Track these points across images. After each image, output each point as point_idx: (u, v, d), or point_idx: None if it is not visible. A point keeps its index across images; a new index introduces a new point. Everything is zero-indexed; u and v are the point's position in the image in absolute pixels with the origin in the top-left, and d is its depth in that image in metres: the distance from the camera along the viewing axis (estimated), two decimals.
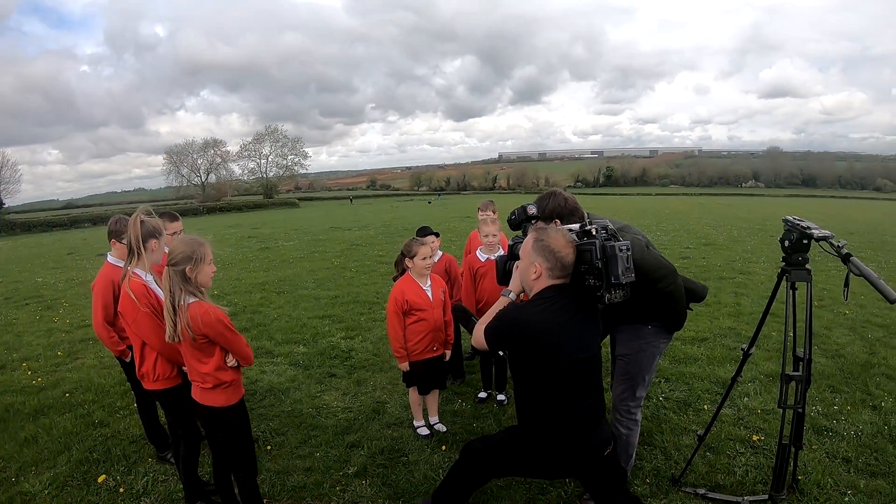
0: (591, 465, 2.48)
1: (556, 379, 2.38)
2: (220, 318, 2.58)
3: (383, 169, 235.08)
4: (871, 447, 3.77)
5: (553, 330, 2.35)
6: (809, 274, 2.73)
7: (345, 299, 8.90)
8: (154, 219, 3.05)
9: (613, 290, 2.32)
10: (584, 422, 2.42)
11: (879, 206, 45.94)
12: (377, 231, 21.49)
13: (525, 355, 2.42)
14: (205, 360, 2.66)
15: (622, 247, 2.31)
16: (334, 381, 5.18)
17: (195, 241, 2.64)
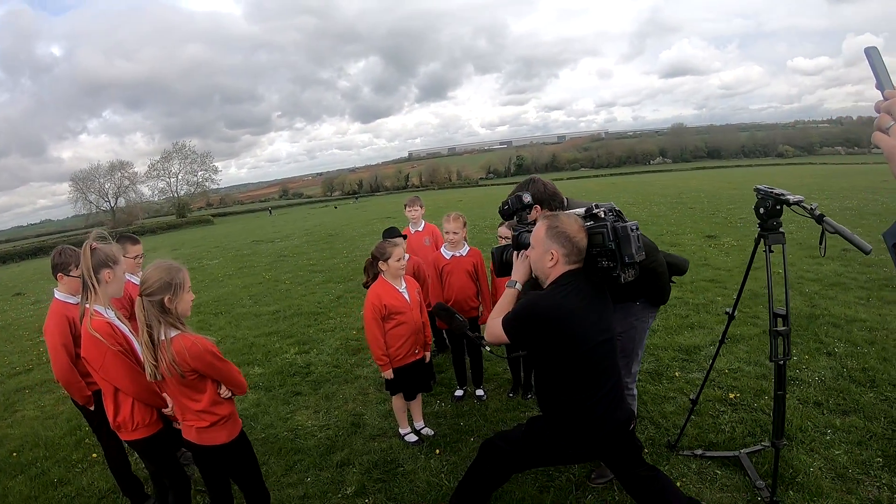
0: (617, 443, 2.50)
1: (581, 363, 2.37)
2: (208, 349, 2.36)
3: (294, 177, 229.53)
4: (836, 389, 4.06)
5: (577, 315, 2.34)
6: (784, 236, 2.85)
7: (287, 313, 8.57)
8: (109, 245, 2.73)
9: (627, 269, 2.33)
10: (610, 402, 2.43)
11: (785, 171, 49.77)
12: (301, 240, 20.86)
13: (550, 343, 2.38)
14: (197, 398, 2.42)
15: (632, 226, 2.32)
16: (302, 400, 4.94)
17: (172, 267, 2.38)
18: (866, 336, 5.06)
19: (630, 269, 2.34)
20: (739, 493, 3.01)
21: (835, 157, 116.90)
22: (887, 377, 4.14)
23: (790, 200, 2.72)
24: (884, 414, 3.64)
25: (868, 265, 7.82)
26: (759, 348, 4.99)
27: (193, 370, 2.33)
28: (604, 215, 2.41)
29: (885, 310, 5.80)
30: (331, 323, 7.62)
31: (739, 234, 11.67)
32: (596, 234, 2.38)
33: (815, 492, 2.91)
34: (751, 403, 3.98)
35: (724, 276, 7.95)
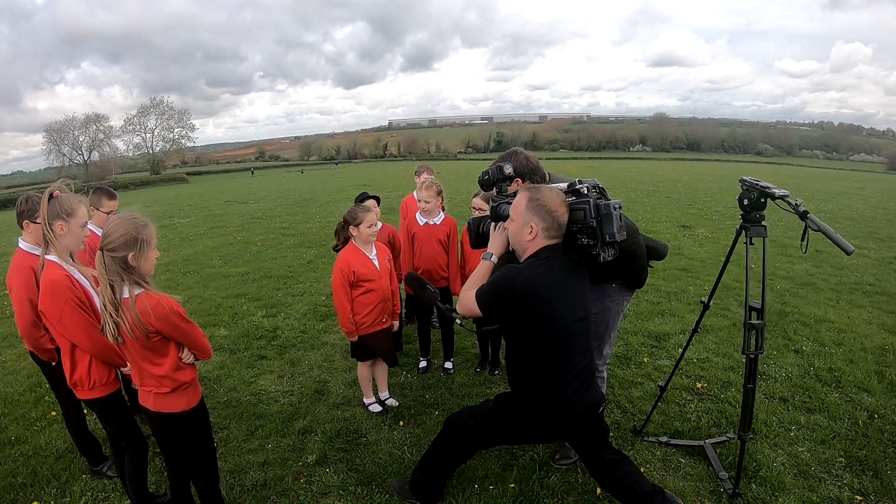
0: (585, 425, 2.47)
1: (555, 341, 2.33)
2: (174, 310, 2.19)
3: (272, 139, 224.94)
4: (802, 387, 4.11)
5: (554, 291, 2.28)
6: (765, 230, 2.84)
7: (256, 275, 8.41)
8: (69, 195, 2.54)
9: (607, 248, 2.27)
10: (581, 382, 2.40)
11: (763, 169, 50.53)
12: (275, 203, 20.53)
13: (524, 319, 2.32)
14: (159, 361, 2.26)
15: (615, 205, 2.26)
16: (266, 364, 4.83)
17: (136, 221, 2.18)
18: (834, 337, 5.13)
19: (610, 248, 2.29)
20: (702, 482, 3.01)
21: (813, 160, 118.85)
22: (853, 379, 4.20)
23: (776, 194, 2.69)
24: (848, 415, 3.68)
25: (840, 268, 7.96)
26: (727, 340, 5.03)
27: (157, 332, 2.18)
28: (587, 191, 2.34)
29: (853, 313, 5.90)
30: (300, 287, 7.50)
31: (714, 227, 11.80)
32: (578, 209, 2.31)
33: (777, 487, 2.92)
34: (718, 394, 4.00)
35: (696, 267, 8.02)
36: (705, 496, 2.90)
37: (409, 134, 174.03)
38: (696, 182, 25.00)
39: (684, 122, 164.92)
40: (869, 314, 5.88)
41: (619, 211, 2.27)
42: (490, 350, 4.60)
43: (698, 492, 2.93)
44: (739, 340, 4.86)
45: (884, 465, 3.13)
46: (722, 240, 10.18)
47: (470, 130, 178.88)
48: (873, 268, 8.14)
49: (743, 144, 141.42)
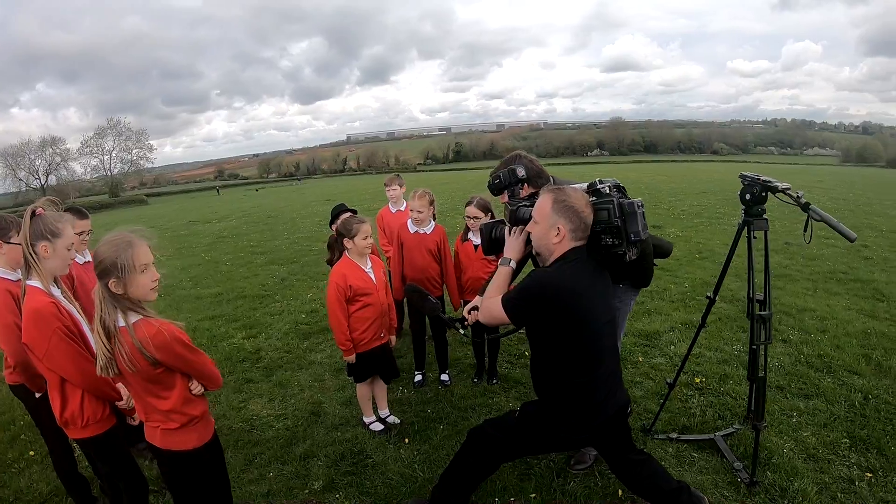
0: (615, 428, 2.45)
1: (587, 344, 2.30)
2: (176, 338, 1.99)
3: (231, 158, 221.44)
4: (796, 374, 4.19)
5: (586, 293, 2.26)
6: (767, 223, 2.89)
7: (230, 296, 8.14)
8: (53, 213, 2.36)
9: (633, 247, 2.27)
10: (612, 384, 2.39)
11: (720, 168, 51.90)
12: (239, 221, 20.08)
13: (556, 323, 2.27)
14: (165, 395, 2.06)
15: (638, 203, 2.26)
16: (254, 387, 4.64)
17: (120, 241, 1.97)
18: (817, 325, 5.27)
19: (634, 247, 2.28)
20: (719, 474, 3.03)
21: (768, 156, 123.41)
22: (842, 363, 4.32)
23: (778, 187, 2.74)
24: (844, 398, 3.77)
25: (811, 258, 8.24)
26: (716, 334, 5.11)
27: (159, 363, 1.98)
28: (608, 191, 2.33)
29: (832, 300, 6.09)
30: (277, 306, 7.29)
31: (683, 225, 12.05)
32: (602, 209, 2.28)
33: (791, 472, 2.97)
34: (717, 388, 4.04)
35: (673, 265, 8.12)
36: (723, 487, 2.91)
37: (367, 147, 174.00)
38: (658, 183, 25.50)
39: (640, 125, 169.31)
40: (847, 301, 6.09)
41: (641, 209, 2.26)
42: (487, 359, 4.54)
43: (716, 484, 2.95)
44: (728, 334, 5.03)
45: (886, 441, 3.23)
46: (693, 237, 10.41)
47: (428, 142, 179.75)
48: (843, 257, 8.43)
49: (699, 144, 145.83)
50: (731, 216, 12.94)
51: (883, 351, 4.56)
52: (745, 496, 2.83)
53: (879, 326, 5.18)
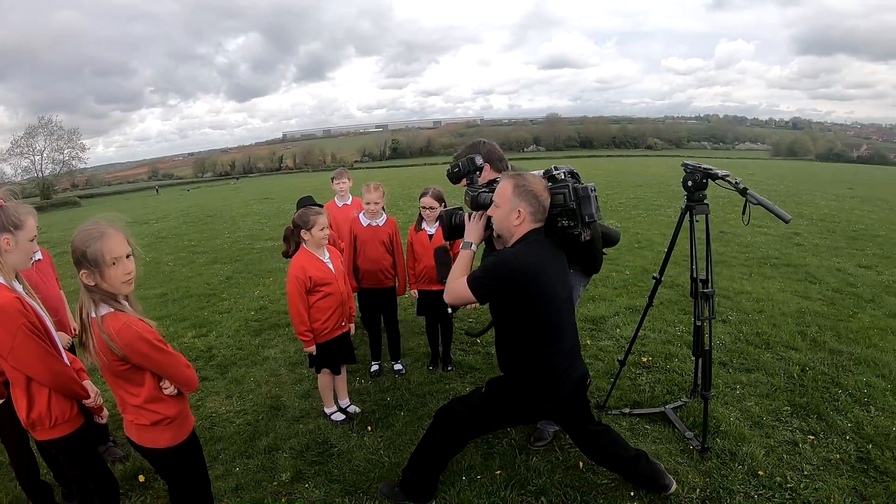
0: (576, 399, 2.61)
1: (548, 319, 2.44)
2: (142, 336, 1.93)
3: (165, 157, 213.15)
4: (737, 351, 4.50)
5: (545, 272, 2.41)
6: (708, 207, 3.10)
7: (175, 295, 7.91)
8: (15, 204, 2.29)
9: (587, 228, 2.44)
10: (572, 358, 2.55)
11: (655, 162, 53.63)
12: (178, 221, 19.42)
13: (519, 299, 2.40)
14: (134, 391, 2.02)
15: (591, 187, 2.42)
16: (210, 385, 4.55)
17: (93, 231, 1.92)
18: (754, 306, 5.65)
19: (588, 228, 2.45)
20: (671, 444, 3.22)
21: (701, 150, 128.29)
22: (779, 340, 4.66)
23: (718, 174, 2.94)
24: (783, 370, 4.08)
25: (745, 246, 8.77)
26: (658, 317, 5.39)
27: (126, 359, 1.93)
28: (563, 176, 2.49)
29: (766, 283, 6.52)
30: (225, 304, 7.15)
31: (621, 217, 12.54)
32: (558, 193, 2.45)
33: (739, 438, 3.20)
34: (663, 366, 4.28)
35: (614, 255, 8.40)
36: (677, 455, 3.10)
37: (304, 145, 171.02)
38: (594, 178, 25.89)
39: (576, 121, 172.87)
40: (780, 283, 6.53)
41: (594, 193, 2.43)
42: (441, 347, 4.62)
43: (670, 452, 3.13)
44: (670, 316, 5.29)
45: (825, 408, 3.53)
46: (632, 228, 10.85)
47: (365, 139, 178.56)
48: (776, 243, 8.99)
49: (634, 140, 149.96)
50: (668, 208, 13.53)
51: (817, 328, 4.94)
52: (698, 462, 3.03)
53: (813, 306, 5.60)
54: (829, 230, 10.26)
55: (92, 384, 2.45)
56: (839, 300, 5.84)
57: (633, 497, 2.77)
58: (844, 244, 8.97)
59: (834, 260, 7.79)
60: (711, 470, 2.95)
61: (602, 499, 2.79)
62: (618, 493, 2.81)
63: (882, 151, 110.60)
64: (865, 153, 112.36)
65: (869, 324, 5.05)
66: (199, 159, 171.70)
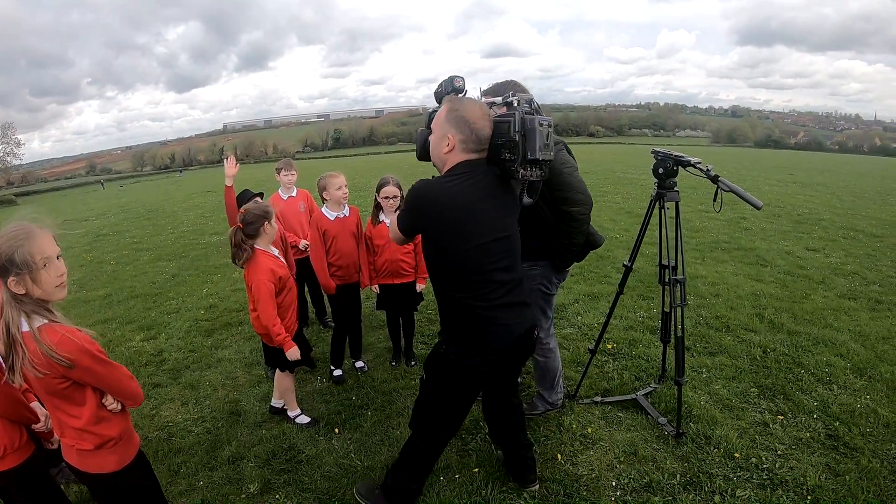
0: (521, 351, 2.40)
1: (473, 261, 2.20)
2: (83, 348, 1.74)
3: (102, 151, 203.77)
4: (699, 335, 4.58)
5: (466, 205, 2.16)
6: (678, 195, 3.10)
7: (120, 296, 7.46)
8: None
9: (530, 166, 2.14)
10: (510, 302, 2.27)
11: (598, 149, 54.46)
12: (118, 217, 18.47)
13: (433, 234, 2.23)
14: (75, 412, 1.83)
15: (542, 121, 2.12)
16: (163, 392, 4.30)
17: (18, 233, 1.71)
18: (710, 289, 5.79)
19: (534, 167, 2.15)
20: (646, 430, 3.24)
21: (643, 138, 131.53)
22: (739, 322, 4.79)
23: (690, 161, 2.95)
24: (745, 353, 4.19)
25: (696, 230, 9.02)
26: (620, 304, 5.34)
27: (63, 376, 1.74)
28: (517, 104, 2.20)
29: (719, 267, 6.71)
30: (173, 304, 6.81)
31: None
32: (503, 122, 2.17)
33: (711, 421, 3.25)
34: (628, 352, 4.32)
35: None
36: (653, 441, 3.12)
37: (245, 136, 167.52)
38: None
39: None
40: (733, 267, 6.74)
41: (547, 129, 2.14)
42: (404, 341, 4.52)
43: (646, 439, 3.15)
44: (629, 302, 5.36)
45: (790, 388, 3.64)
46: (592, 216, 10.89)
47: (307, 129, 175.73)
48: (725, 228, 9.29)
49: (576, 127, 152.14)
50: (615, 194, 13.80)
51: (773, 309, 5.11)
52: (674, 447, 3.05)
53: (766, 288, 5.80)
54: (775, 214, 10.67)
55: (41, 406, 2.24)
56: (791, 282, 6.06)
57: (616, 487, 2.78)
58: (790, 228, 9.35)
59: (782, 244, 8.09)
60: (688, 455, 2.98)
61: (585, 490, 2.78)
62: (600, 484, 2.80)
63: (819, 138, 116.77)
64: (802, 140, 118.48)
65: (822, 304, 5.26)
66: (137, 152, 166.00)
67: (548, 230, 2.96)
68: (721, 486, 2.74)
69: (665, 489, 2.74)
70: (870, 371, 3.85)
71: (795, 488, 2.71)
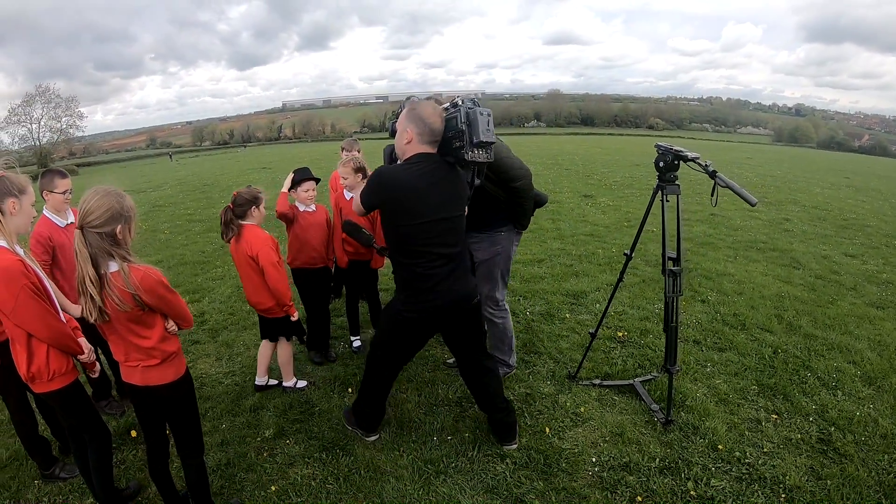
0: (460, 315, 2.87)
1: (414, 234, 2.66)
2: (160, 281, 2.18)
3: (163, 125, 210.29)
4: (711, 330, 4.63)
5: (416, 189, 2.61)
6: (679, 188, 3.19)
7: (171, 262, 8.02)
8: (15, 173, 2.40)
9: (476, 149, 2.59)
10: (447, 272, 2.74)
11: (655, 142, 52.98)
12: (174, 190, 19.32)
13: (386, 210, 2.70)
14: (146, 334, 2.24)
15: (483, 111, 2.58)
16: (201, 348, 4.72)
17: (117, 193, 2.14)
18: (735, 287, 5.77)
19: (480, 149, 2.60)
20: (637, 415, 3.37)
21: (703, 133, 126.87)
22: (755, 322, 4.79)
23: (688, 157, 3.06)
24: (755, 351, 4.23)
25: (734, 229, 8.87)
26: (639, 294, 5.53)
27: (146, 304, 2.15)
28: (461, 102, 2.67)
29: (750, 267, 6.64)
30: (218, 272, 7.27)
31: (614, 195, 12.60)
32: (451, 118, 2.64)
33: (703, 413, 3.35)
34: (637, 341, 4.42)
35: (602, 232, 8.61)
36: (641, 426, 3.25)
37: (303, 115, 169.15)
38: (592, 155, 26.16)
39: (578, 98, 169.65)
40: (764, 267, 6.66)
41: (487, 117, 2.58)
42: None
43: (635, 423, 3.28)
44: (650, 294, 5.41)
45: (791, 389, 3.67)
46: (623, 207, 10.93)
47: (365, 110, 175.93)
48: (765, 228, 9.11)
49: (635, 119, 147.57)
50: None
51: (795, 312, 5.07)
52: (661, 433, 3.18)
53: (793, 291, 5.73)
54: (820, 217, 10.33)
55: (86, 341, 2.62)
56: (820, 286, 5.95)
57: (595, 463, 2.94)
58: (833, 232, 9.06)
59: (820, 247, 7.89)
60: (673, 442, 3.10)
61: (565, 462, 2.95)
62: (581, 459, 2.97)
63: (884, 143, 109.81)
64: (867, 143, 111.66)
65: (847, 311, 5.17)
66: (197, 127, 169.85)
67: (503, 204, 3.35)
68: (697, 473, 2.84)
69: (642, 470, 2.87)
70: (880, 381, 3.81)
71: (773, 486, 2.77)
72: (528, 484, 2.81)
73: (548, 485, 2.80)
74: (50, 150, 74.66)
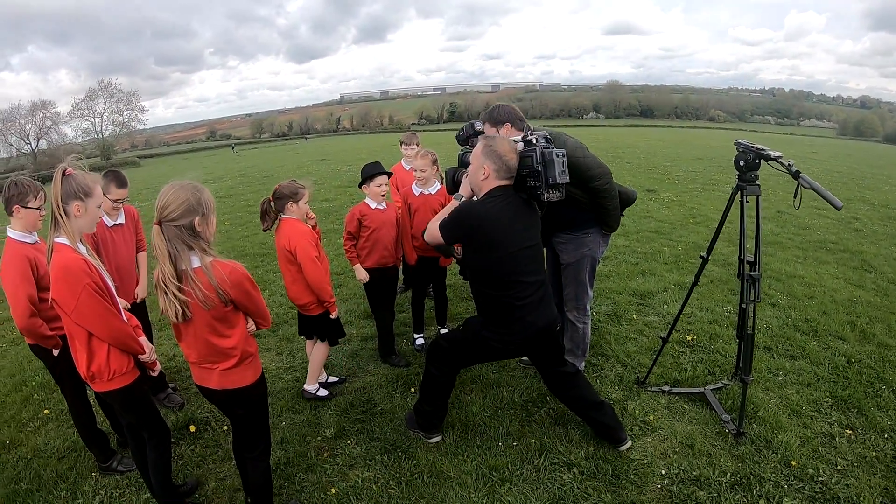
0: (541, 344, 2.91)
1: (502, 264, 2.72)
2: (246, 276, 2.16)
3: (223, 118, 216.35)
4: (783, 336, 4.41)
5: (502, 222, 2.70)
6: (759, 188, 3.03)
7: (231, 254, 8.08)
8: (83, 173, 2.36)
9: (551, 189, 2.71)
10: (534, 301, 2.78)
11: (716, 134, 51.73)
12: (235, 181, 19.88)
13: (473, 244, 2.77)
14: (228, 333, 2.22)
15: (558, 153, 2.68)
16: (261, 342, 4.77)
17: (195, 186, 2.11)
18: (806, 291, 5.49)
19: (554, 190, 2.73)
20: (707, 425, 3.24)
21: (765, 125, 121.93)
22: (828, 328, 4.54)
23: (771, 155, 2.89)
24: (828, 360, 4.00)
25: (803, 227, 8.45)
26: (707, 296, 5.31)
27: (231, 300, 2.13)
28: (535, 141, 2.78)
29: (820, 269, 6.31)
30: (276, 264, 7.34)
31: (678, 190, 12.21)
32: (526, 156, 2.73)
33: (775, 426, 3.18)
34: (707, 346, 4.25)
35: (667, 228, 8.34)
36: (712, 437, 3.12)
37: (361, 107, 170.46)
38: (653, 147, 25.48)
39: (637, 89, 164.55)
40: (835, 269, 6.31)
41: (562, 158, 2.69)
42: None
43: (705, 434, 3.16)
44: (719, 296, 5.21)
45: (866, 403, 3.44)
46: (688, 202, 10.58)
47: (423, 101, 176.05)
48: (834, 227, 8.65)
49: (696, 111, 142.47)
50: (725, 183, 13.06)
51: (868, 319, 4.78)
52: (732, 446, 3.04)
53: (866, 296, 5.41)
54: (891, 217, 9.70)
55: (147, 341, 2.61)
56: (894, 292, 5.60)
57: (665, 476, 2.83)
58: None
59: (892, 249, 7.41)
60: (745, 455, 2.96)
61: (634, 474, 2.86)
62: (650, 470, 2.87)
63: None
64: None
65: None
66: (256, 120, 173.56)
67: (592, 194, 3.28)
68: (770, 491, 2.70)
69: (713, 485, 2.75)
70: None
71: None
72: (596, 496, 2.73)
73: (616, 497, 2.71)
74: (112, 143, 78.30)
